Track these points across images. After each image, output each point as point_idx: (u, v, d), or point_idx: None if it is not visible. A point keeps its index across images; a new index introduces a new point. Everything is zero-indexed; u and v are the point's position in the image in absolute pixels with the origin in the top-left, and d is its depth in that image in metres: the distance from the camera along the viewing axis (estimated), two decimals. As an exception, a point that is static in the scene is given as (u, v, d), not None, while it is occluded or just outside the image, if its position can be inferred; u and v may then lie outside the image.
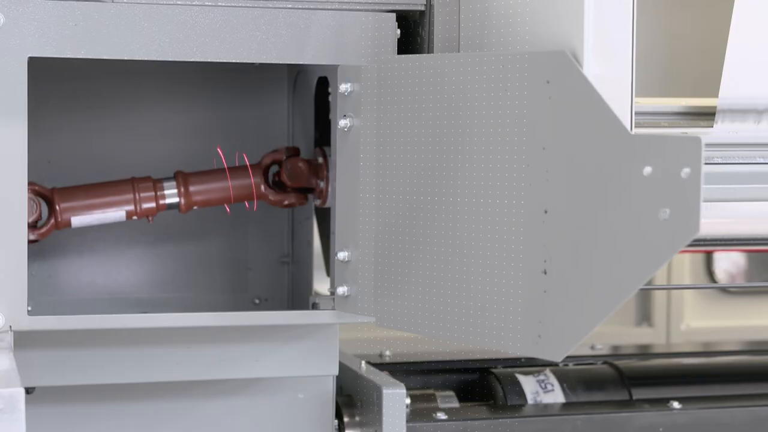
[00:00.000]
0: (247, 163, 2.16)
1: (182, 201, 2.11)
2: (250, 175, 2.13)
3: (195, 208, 2.14)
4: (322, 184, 2.12)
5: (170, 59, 1.86)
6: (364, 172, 1.91)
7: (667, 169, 1.48)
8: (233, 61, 1.90)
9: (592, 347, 2.73)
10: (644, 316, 3.42)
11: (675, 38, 2.38)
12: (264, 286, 2.42)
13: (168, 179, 2.12)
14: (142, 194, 2.09)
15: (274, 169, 2.17)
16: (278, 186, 2.17)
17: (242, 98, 2.35)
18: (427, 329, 1.83)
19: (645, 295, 3.41)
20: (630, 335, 3.35)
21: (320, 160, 2.13)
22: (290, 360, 2.11)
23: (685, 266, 3.36)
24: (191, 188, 2.11)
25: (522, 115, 1.67)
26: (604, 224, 1.57)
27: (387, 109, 1.87)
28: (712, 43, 2.08)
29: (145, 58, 1.86)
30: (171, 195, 2.12)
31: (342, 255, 1.95)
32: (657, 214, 1.49)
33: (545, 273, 1.65)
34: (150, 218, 2.11)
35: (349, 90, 1.92)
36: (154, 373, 2.05)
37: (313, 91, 2.22)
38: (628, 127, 1.74)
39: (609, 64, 1.71)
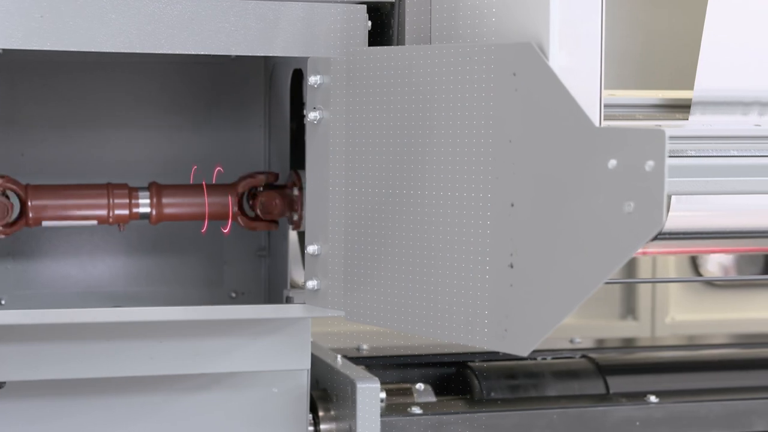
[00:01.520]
0: (213, 176, 2.16)
1: (154, 212, 2.11)
2: (224, 195, 2.14)
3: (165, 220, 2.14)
4: (296, 216, 2.12)
5: (138, 51, 1.85)
6: (333, 165, 1.90)
7: (631, 162, 1.47)
8: (202, 53, 1.88)
9: (572, 341, 2.73)
10: (629, 309, 3.41)
11: (652, 31, 2.37)
12: (240, 280, 2.41)
13: (143, 189, 2.12)
14: (116, 201, 2.09)
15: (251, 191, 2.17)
16: (252, 211, 2.17)
17: (218, 93, 2.34)
18: (395, 324, 1.81)
19: (630, 289, 3.40)
20: (615, 329, 3.34)
21: (296, 192, 2.12)
22: (262, 354, 2.10)
23: (670, 259, 3.35)
24: (164, 200, 2.11)
25: (489, 108, 1.66)
26: (569, 217, 1.55)
27: (356, 102, 1.86)
28: (689, 36, 2.07)
29: (113, 50, 1.84)
30: (144, 205, 2.11)
31: (312, 249, 1.94)
32: (621, 207, 1.48)
33: (511, 267, 1.63)
34: (121, 226, 2.10)
35: (318, 82, 1.91)
36: (127, 367, 2.04)
37: (289, 83, 2.21)
38: (597, 120, 1.74)
39: (577, 55, 1.70)
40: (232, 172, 2.22)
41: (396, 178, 1.80)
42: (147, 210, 2.11)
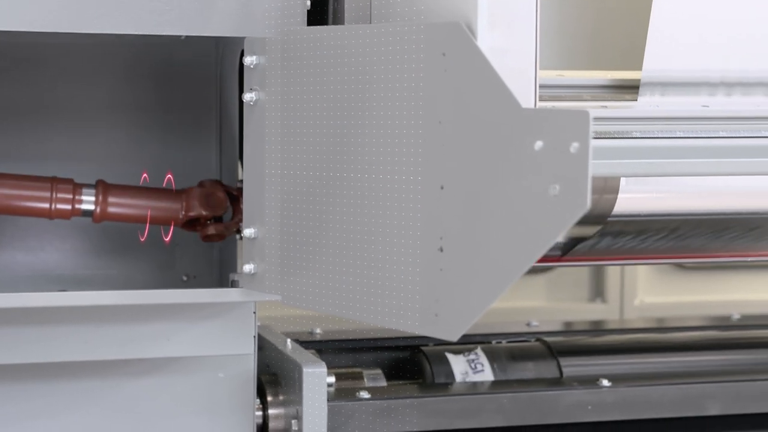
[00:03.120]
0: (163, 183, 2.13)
1: (97, 210, 2.08)
2: (172, 200, 2.11)
3: (109, 221, 2.11)
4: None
5: (67, 30, 1.82)
6: (269, 147, 1.87)
7: (556, 144, 1.44)
8: (134, 33, 1.85)
9: (528, 324, 2.70)
10: (597, 292, 3.39)
11: (604, 10, 2.34)
12: (192, 263, 2.38)
13: (89, 186, 2.09)
14: (59, 195, 2.06)
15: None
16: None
17: (168, 76, 2.32)
18: (331, 308, 1.79)
19: (598, 271, 3.38)
20: (583, 311, 3.32)
21: (239, 185, 2.09)
22: (203, 339, 2.08)
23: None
24: (110, 199, 2.08)
25: (419, 89, 1.63)
26: (497, 201, 1.52)
27: (291, 83, 1.83)
28: (641, 15, 2.04)
29: (41, 30, 1.81)
30: (88, 202, 2.08)
31: (248, 232, 1.91)
32: (547, 189, 1.45)
33: (441, 250, 1.61)
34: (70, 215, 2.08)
35: (254, 62, 1.87)
36: (62, 352, 2.01)
37: (238, 64, 2.18)
38: (531, 101, 1.71)
39: (511, 35, 1.67)
40: (183, 178, 2.20)
41: (330, 161, 1.77)
42: (90, 207, 2.08)
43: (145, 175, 2.18)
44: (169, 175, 2.18)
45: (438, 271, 1.61)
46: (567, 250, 2.30)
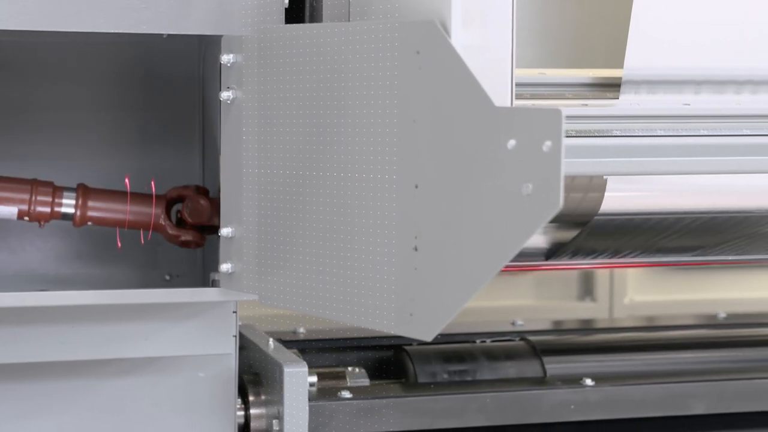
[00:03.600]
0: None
1: (78, 213, 2.07)
2: (152, 204, 2.10)
3: (89, 223, 2.10)
4: None
5: (42, 29, 1.80)
6: (246, 146, 1.86)
7: (529, 142, 1.43)
8: (110, 31, 1.84)
9: (513, 323, 2.69)
10: (587, 290, 3.37)
11: (585, 8, 2.33)
12: (175, 262, 2.37)
13: (69, 189, 2.08)
14: (38, 197, 2.05)
15: (178, 206, 2.13)
16: (179, 222, 2.13)
17: (151, 76, 2.30)
18: (307, 307, 1.78)
19: (587, 270, 3.36)
20: (573, 310, 3.31)
21: None
22: (182, 338, 2.06)
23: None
24: (90, 203, 2.07)
25: (394, 87, 1.62)
26: (471, 199, 1.51)
27: (269, 81, 1.82)
28: (623, 13, 2.03)
29: (17, 28, 1.80)
30: (68, 205, 2.07)
31: (226, 231, 1.90)
32: (520, 188, 1.44)
33: (416, 250, 1.60)
34: (42, 223, 2.07)
35: (231, 61, 1.86)
36: (40, 352, 2.00)
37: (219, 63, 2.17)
38: (509, 99, 1.70)
39: (486, 33, 1.66)
40: (166, 179, 2.19)
41: (307, 160, 1.76)
42: (70, 211, 2.07)
43: (127, 180, 2.17)
44: (152, 182, 2.17)
45: (413, 270, 1.60)
46: (553, 252, 2.29)
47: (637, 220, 2.18)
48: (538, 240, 2.29)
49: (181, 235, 2.10)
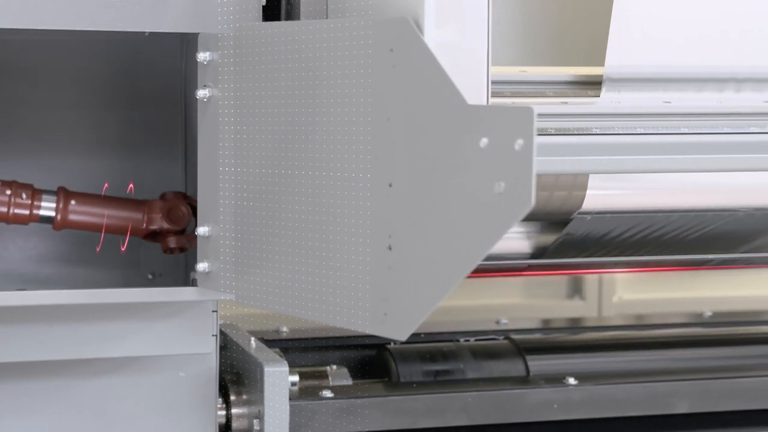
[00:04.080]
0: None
1: (58, 217, 2.06)
2: (134, 211, 2.09)
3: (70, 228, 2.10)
4: None
5: (19, 27, 1.79)
6: (223, 145, 1.85)
7: (501, 140, 1.42)
8: (87, 29, 1.83)
9: (497, 322, 2.68)
10: (576, 289, 3.36)
11: (567, 6, 2.32)
12: (157, 261, 2.36)
13: (49, 192, 2.07)
14: (17, 200, 2.04)
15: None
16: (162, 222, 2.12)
17: (134, 75, 2.29)
18: (283, 307, 1.77)
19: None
20: (561, 309, 3.30)
21: None
22: (161, 338, 2.05)
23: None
24: (71, 207, 2.07)
25: (368, 85, 1.61)
26: (445, 198, 1.50)
27: (245, 79, 1.81)
28: (605, 11, 2.02)
29: (-8, 26, 1.79)
30: (48, 208, 2.06)
31: (203, 230, 1.89)
32: (493, 187, 1.43)
33: (390, 249, 1.59)
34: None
35: (207, 59, 1.85)
36: (17, 352, 1.99)
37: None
38: (484, 97, 1.69)
39: (461, 31, 1.65)
40: (148, 180, 2.20)
41: (283, 158, 1.75)
42: (51, 214, 2.06)
43: (106, 185, 2.17)
44: (131, 185, 2.17)
45: (387, 269, 1.59)
46: (540, 254, 2.29)
47: (619, 218, 2.17)
48: (522, 244, 2.29)
49: (166, 242, 2.10)
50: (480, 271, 2.45)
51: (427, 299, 1.53)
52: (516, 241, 2.29)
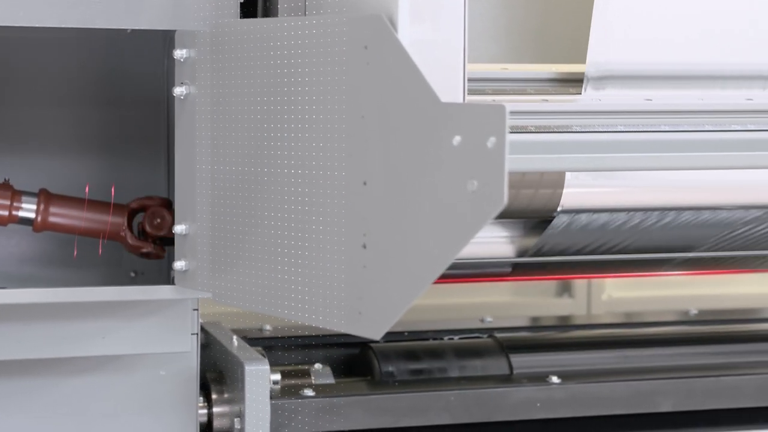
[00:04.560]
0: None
1: (38, 218, 2.05)
2: (115, 216, 2.08)
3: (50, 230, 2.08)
4: None
5: (-7, 25, 1.79)
6: (200, 143, 1.84)
7: (474, 138, 1.41)
8: (62, 26, 1.82)
9: (482, 320, 2.67)
10: (565, 286, 3.36)
11: (548, 4, 2.31)
12: (140, 260, 2.34)
13: (29, 194, 2.06)
14: None
15: (140, 217, 2.11)
16: (141, 233, 2.11)
17: (116, 73, 2.28)
18: (260, 305, 1.76)
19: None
20: (550, 306, 3.29)
21: None
22: (141, 337, 2.04)
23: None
24: (51, 209, 2.06)
25: (342, 82, 1.60)
26: (418, 196, 1.49)
27: (222, 76, 1.80)
28: (587, 8, 2.01)
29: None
30: (28, 210, 2.05)
31: (180, 228, 1.88)
32: (466, 185, 1.42)
33: (364, 247, 1.58)
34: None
35: (185, 56, 1.84)
36: (-5, 351, 1.99)
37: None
38: (460, 94, 1.68)
39: (436, 28, 1.64)
40: (130, 179, 2.19)
41: (259, 156, 1.74)
42: (30, 216, 2.05)
43: (87, 187, 2.16)
44: (112, 188, 2.16)
45: (361, 268, 1.58)
46: (523, 254, 2.28)
47: (598, 216, 2.16)
48: (506, 249, 2.28)
49: (143, 247, 2.08)
50: (466, 277, 2.46)
51: (401, 298, 1.52)
52: (499, 245, 2.28)
